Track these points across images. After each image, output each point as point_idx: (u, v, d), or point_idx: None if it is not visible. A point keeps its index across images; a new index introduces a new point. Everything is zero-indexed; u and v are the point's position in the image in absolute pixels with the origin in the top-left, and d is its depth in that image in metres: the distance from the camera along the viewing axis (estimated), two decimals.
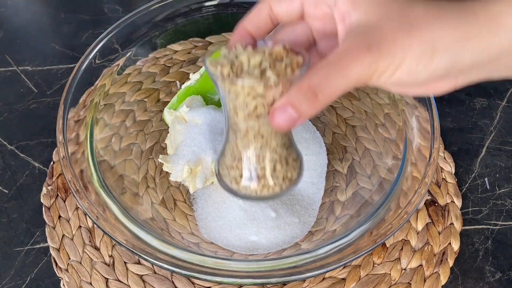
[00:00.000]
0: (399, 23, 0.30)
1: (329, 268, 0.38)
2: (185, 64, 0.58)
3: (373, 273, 0.45)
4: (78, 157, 0.45)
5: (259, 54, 0.34)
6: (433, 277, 0.45)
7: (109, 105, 0.50)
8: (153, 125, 0.54)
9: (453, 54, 0.30)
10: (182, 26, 0.56)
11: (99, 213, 0.41)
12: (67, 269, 0.46)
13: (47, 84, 0.60)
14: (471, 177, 0.52)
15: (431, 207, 0.49)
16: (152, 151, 0.52)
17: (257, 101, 0.33)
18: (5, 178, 0.53)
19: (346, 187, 0.49)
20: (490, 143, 0.55)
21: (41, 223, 0.49)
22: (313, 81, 0.30)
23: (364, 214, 0.43)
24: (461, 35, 0.30)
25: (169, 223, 0.47)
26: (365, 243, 0.39)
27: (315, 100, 0.30)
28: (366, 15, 0.31)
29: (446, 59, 0.30)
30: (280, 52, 0.34)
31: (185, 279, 0.45)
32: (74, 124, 0.46)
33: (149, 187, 0.50)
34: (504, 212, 0.50)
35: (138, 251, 0.39)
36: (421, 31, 0.30)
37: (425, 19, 0.30)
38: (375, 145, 0.50)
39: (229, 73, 0.33)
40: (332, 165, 0.51)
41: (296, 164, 0.39)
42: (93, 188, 0.43)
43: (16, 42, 0.65)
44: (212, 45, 0.59)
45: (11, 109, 0.58)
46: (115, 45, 0.52)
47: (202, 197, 0.49)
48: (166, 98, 0.55)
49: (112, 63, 0.51)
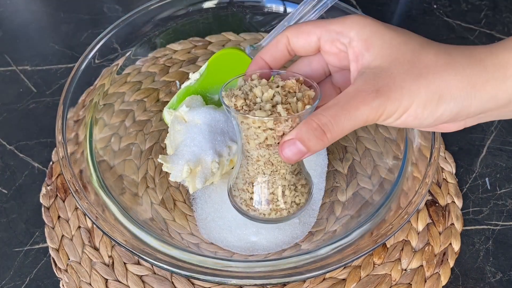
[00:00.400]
0: (408, 69, 0.31)
1: (330, 269, 0.38)
2: (184, 63, 0.58)
3: (373, 274, 0.45)
4: (77, 157, 0.44)
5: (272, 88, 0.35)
6: (433, 277, 0.45)
7: (108, 105, 0.50)
8: (152, 125, 0.53)
9: (459, 102, 0.31)
10: (181, 26, 0.55)
11: (98, 214, 0.41)
12: (66, 270, 0.46)
13: (46, 83, 0.60)
14: (471, 177, 0.52)
15: (431, 207, 0.49)
16: (151, 151, 0.52)
17: (268, 133, 0.35)
18: (4, 178, 0.53)
19: (346, 187, 0.49)
20: (491, 143, 0.55)
21: (40, 224, 0.49)
22: (322, 120, 0.31)
23: (365, 215, 0.43)
24: (468, 84, 0.31)
25: (168, 223, 0.47)
26: (365, 244, 0.39)
27: (323, 137, 0.32)
28: (378, 57, 0.32)
29: (452, 107, 0.31)
30: (293, 86, 0.36)
31: (185, 279, 0.45)
32: (74, 124, 0.46)
33: (149, 187, 0.50)
34: (504, 212, 0.50)
35: (137, 251, 0.39)
36: (428, 79, 0.31)
37: (434, 67, 0.31)
38: (376, 145, 0.50)
39: (242, 105, 0.35)
40: (333, 165, 0.51)
41: (305, 189, 0.41)
42: (93, 188, 0.43)
43: (16, 41, 0.65)
44: (212, 44, 0.59)
45: (10, 109, 0.58)
46: (114, 44, 0.51)
47: (201, 197, 0.49)
48: (165, 98, 0.55)
49: (112, 62, 0.51)
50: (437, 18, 0.66)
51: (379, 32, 0.33)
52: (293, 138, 0.32)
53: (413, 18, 0.66)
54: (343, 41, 0.34)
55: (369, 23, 0.33)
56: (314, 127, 0.31)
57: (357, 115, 0.31)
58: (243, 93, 0.36)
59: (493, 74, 0.31)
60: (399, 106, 0.31)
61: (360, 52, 0.33)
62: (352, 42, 0.33)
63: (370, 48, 0.32)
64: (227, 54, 0.51)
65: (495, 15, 0.66)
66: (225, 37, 0.60)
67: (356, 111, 0.31)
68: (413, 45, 0.32)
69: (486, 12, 0.66)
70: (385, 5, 0.68)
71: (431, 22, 0.66)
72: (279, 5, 0.55)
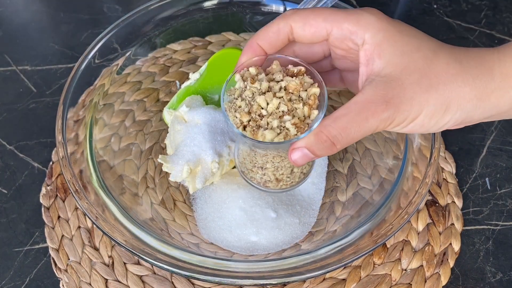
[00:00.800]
0: (419, 78, 0.32)
1: (330, 269, 0.38)
2: (184, 63, 0.58)
3: (373, 274, 0.45)
4: (77, 157, 0.44)
5: (275, 94, 0.35)
6: (433, 277, 0.45)
7: (108, 105, 0.50)
8: (152, 125, 0.53)
9: (464, 112, 0.32)
10: (181, 26, 0.55)
11: (98, 214, 0.41)
12: (66, 270, 0.46)
13: (46, 83, 0.60)
14: (472, 177, 0.52)
15: (431, 208, 0.49)
16: (151, 151, 0.52)
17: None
18: (4, 178, 0.53)
19: (346, 187, 0.49)
20: (491, 143, 0.55)
21: (40, 224, 0.49)
22: (332, 133, 0.32)
23: (365, 215, 0.43)
24: (475, 95, 0.32)
25: (168, 223, 0.47)
26: (365, 244, 0.39)
27: (332, 148, 0.33)
28: (389, 65, 0.32)
29: (457, 117, 0.33)
30: (297, 87, 0.35)
31: (185, 279, 0.45)
32: (74, 124, 0.46)
33: (149, 187, 0.49)
34: (505, 213, 0.50)
35: (137, 251, 0.39)
36: (439, 91, 0.32)
37: (445, 76, 0.32)
38: (376, 145, 0.50)
39: (248, 122, 0.34)
40: (333, 165, 0.51)
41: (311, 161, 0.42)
42: (93, 188, 0.43)
43: (15, 41, 0.65)
44: (212, 44, 0.59)
45: (10, 109, 0.58)
46: (114, 44, 0.51)
47: (201, 197, 0.49)
48: (165, 98, 0.55)
49: (112, 62, 0.51)
50: (437, 18, 0.66)
51: (392, 38, 0.33)
52: (302, 147, 0.33)
53: (413, 18, 0.66)
54: (356, 41, 0.34)
55: (384, 27, 0.33)
56: (324, 140, 0.32)
57: (366, 126, 0.32)
58: (247, 105, 0.35)
59: (499, 84, 0.32)
60: (408, 116, 0.32)
61: (371, 56, 0.33)
62: (365, 45, 0.33)
63: (382, 55, 0.32)
64: (227, 54, 0.51)
65: (495, 15, 0.66)
66: (225, 37, 0.60)
67: (366, 123, 0.31)
68: (424, 51, 0.32)
69: (486, 12, 0.66)
70: (385, 5, 0.68)
71: (431, 22, 0.66)
72: (279, 5, 0.55)
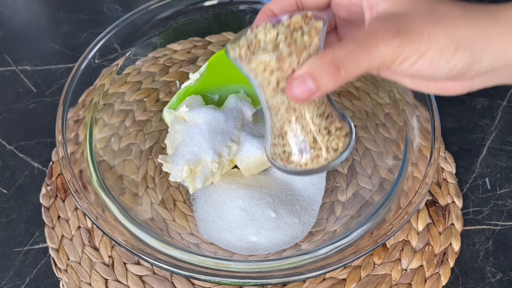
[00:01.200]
0: (426, 15, 0.31)
1: (330, 269, 0.38)
2: (184, 63, 0.58)
3: (373, 274, 0.45)
4: (77, 157, 0.44)
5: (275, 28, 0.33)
6: (433, 277, 0.45)
7: (108, 105, 0.50)
8: (152, 125, 0.53)
9: (473, 53, 0.31)
10: (181, 26, 0.55)
11: (98, 214, 0.41)
12: (66, 270, 0.46)
13: (46, 83, 0.60)
14: (471, 177, 0.52)
15: (431, 208, 0.49)
16: (151, 151, 0.52)
17: (276, 75, 0.33)
18: (4, 178, 0.53)
19: (346, 187, 0.49)
20: (491, 143, 0.55)
21: (40, 224, 0.49)
22: (338, 55, 0.29)
23: (365, 215, 0.43)
24: (483, 35, 0.31)
25: (168, 223, 0.47)
26: (365, 244, 0.39)
27: (336, 74, 0.30)
28: (395, 5, 0.31)
29: (467, 57, 0.31)
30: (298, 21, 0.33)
31: (185, 279, 0.45)
32: (73, 124, 0.46)
33: (149, 187, 0.49)
34: (505, 213, 0.50)
35: (137, 251, 0.39)
36: (446, 26, 0.30)
37: (451, 15, 0.31)
38: (376, 145, 0.50)
39: (246, 52, 0.33)
40: None
41: (341, 133, 0.38)
42: (93, 188, 0.43)
43: (15, 41, 0.65)
44: (212, 44, 0.59)
45: (10, 109, 0.58)
46: (114, 44, 0.51)
47: (201, 197, 0.49)
48: (165, 98, 0.55)
49: (112, 62, 0.51)
50: None
51: None
52: (303, 73, 0.30)
53: None
54: None
55: None
56: (328, 62, 0.29)
57: (375, 53, 0.29)
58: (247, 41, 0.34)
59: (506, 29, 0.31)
60: (417, 49, 0.30)
61: (375, 1, 0.32)
62: None
63: None
64: None
65: None
66: (225, 37, 0.60)
67: (375, 48, 0.29)
68: None
69: None
70: None
71: None
72: None
